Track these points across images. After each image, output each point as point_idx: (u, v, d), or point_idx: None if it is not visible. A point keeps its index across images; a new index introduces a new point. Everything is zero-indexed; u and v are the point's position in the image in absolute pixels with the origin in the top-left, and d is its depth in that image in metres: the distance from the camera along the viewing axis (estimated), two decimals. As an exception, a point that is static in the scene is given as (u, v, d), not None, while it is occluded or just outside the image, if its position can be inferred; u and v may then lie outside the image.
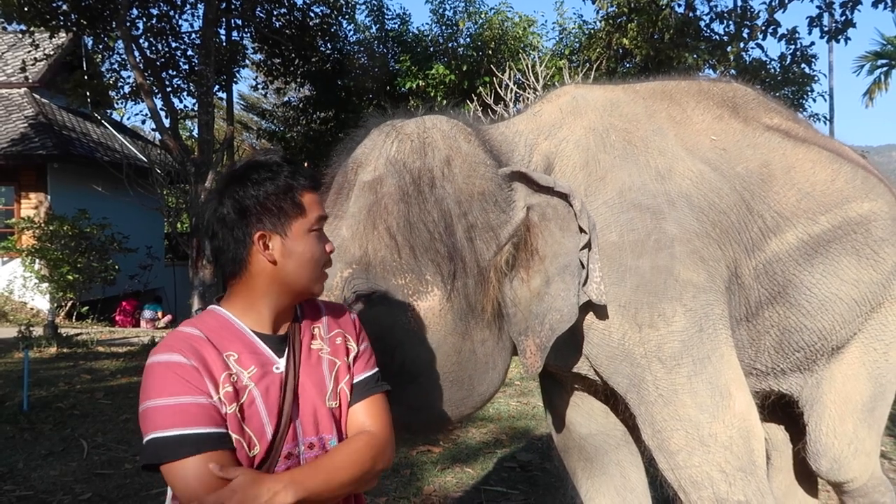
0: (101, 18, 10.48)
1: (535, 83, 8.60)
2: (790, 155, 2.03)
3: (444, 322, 1.67)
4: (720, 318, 1.81)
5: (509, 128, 1.99)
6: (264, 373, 1.23)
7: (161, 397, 1.13)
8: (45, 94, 13.03)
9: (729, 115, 2.08)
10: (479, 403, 1.84)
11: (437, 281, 1.65)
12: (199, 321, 1.26)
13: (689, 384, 1.75)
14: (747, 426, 1.79)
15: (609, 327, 1.79)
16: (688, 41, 10.65)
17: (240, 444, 1.17)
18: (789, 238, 1.93)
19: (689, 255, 1.77)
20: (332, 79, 13.57)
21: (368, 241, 1.65)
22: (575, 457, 2.26)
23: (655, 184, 1.83)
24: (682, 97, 2.10)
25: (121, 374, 6.32)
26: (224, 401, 1.17)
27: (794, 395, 2.17)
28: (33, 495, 3.54)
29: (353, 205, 1.70)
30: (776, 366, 2.06)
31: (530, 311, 1.73)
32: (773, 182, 1.96)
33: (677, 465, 1.79)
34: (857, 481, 2.18)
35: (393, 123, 1.80)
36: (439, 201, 1.67)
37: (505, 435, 4.59)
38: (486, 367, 1.76)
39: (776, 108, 2.21)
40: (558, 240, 1.73)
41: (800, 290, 1.95)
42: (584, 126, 1.92)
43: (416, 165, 1.70)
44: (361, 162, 1.75)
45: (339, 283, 1.64)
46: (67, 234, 10.80)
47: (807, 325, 1.98)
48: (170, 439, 1.12)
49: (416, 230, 1.64)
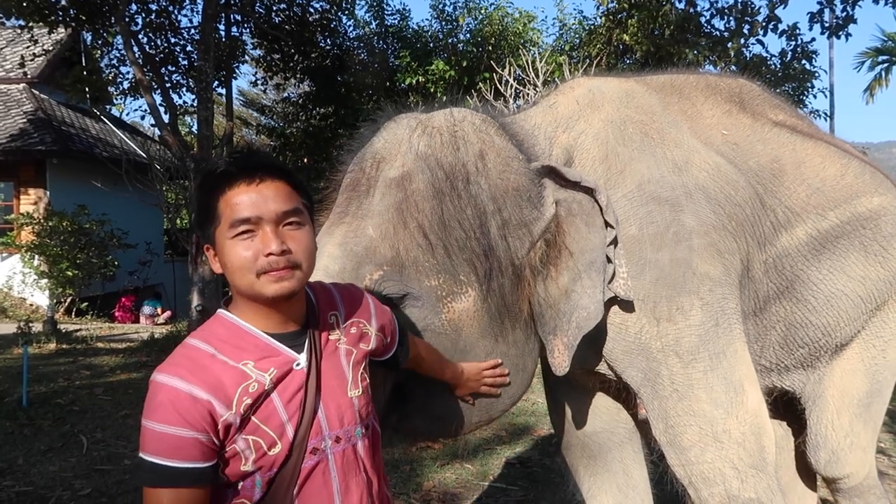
0: (100, 14, 10.42)
1: (535, 79, 8.57)
2: (799, 150, 2.02)
3: (479, 324, 1.62)
4: (734, 312, 1.79)
5: (527, 121, 1.95)
6: (284, 372, 1.21)
7: (152, 420, 1.13)
8: (44, 89, 12.99)
9: (738, 111, 2.07)
10: (507, 406, 1.80)
11: (472, 281, 1.59)
12: (209, 333, 1.23)
13: (705, 379, 1.73)
14: (759, 423, 1.78)
15: (626, 321, 1.76)
16: (688, 37, 10.61)
17: (258, 445, 1.17)
18: (799, 233, 1.93)
19: (707, 248, 1.76)
20: (331, 75, 13.52)
21: (400, 240, 1.57)
22: (577, 454, 2.25)
23: (673, 176, 1.81)
24: (691, 91, 2.09)
25: (120, 370, 6.32)
26: (242, 412, 1.15)
27: (797, 392, 2.16)
28: (33, 491, 3.54)
29: (379, 203, 1.61)
30: (781, 362, 2.05)
31: (558, 310, 1.69)
32: (784, 177, 1.95)
33: (689, 460, 1.77)
34: (852, 478, 2.17)
35: (417, 117, 1.73)
36: (474, 198, 1.60)
37: (505, 431, 4.59)
38: (516, 368, 1.72)
39: (780, 105, 2.21)
40: (584, 235, 1.69)
41: (807, 285, 1.94)
42: (601, 118, 1.90)
43: (448, 160, 1.62)
44: (384, 157, 1.66)
45: (370, 285, 1.55)
46: (67, 229, 10.79)
47: (812, 321, 1.97)
48: (148, 465, 1.13)
49: (450, 228, 1.57)
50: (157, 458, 1.12)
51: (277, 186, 1.19)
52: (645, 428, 1.99)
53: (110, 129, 13.85)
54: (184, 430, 1.11)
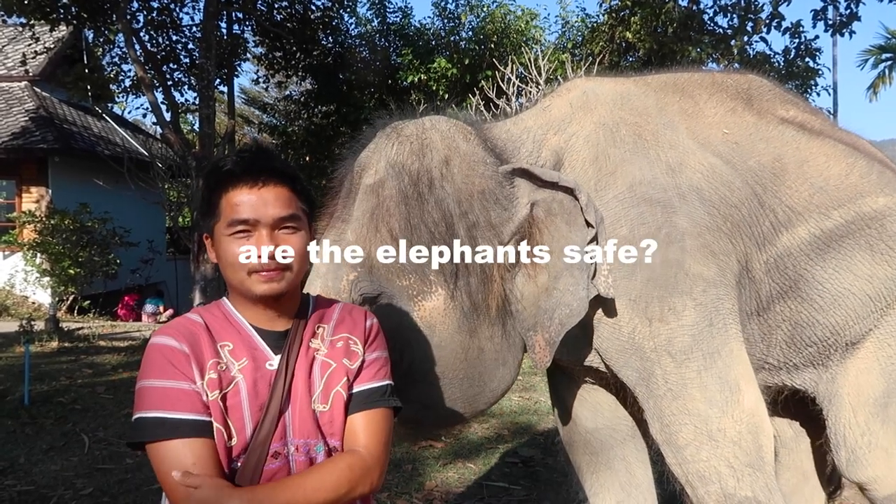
0: (102, 11, 10.44)
1: (537, 77, 8.55)
2: (804, 149, 2.00)
3: (451, 321, 1.70)
4: (730, 312, 1.80)
5: (517, 124, 1.99)
6: (256, 367, 1.23)
7: (149, 378, 1.18)
8: (45, 87, 13.00)
9: (743, 108, 2.05)
10: (492, 400, 1.86)
11: (441, 280, 1.68)
12: (205, 310, 1.30)
13: (699, 378, 1.75)
14: (756, 422, 1.78)
15: (619, 321, 1.79)
16: (691, 35, 10.60)
17: (220, 434, 1.18)
18: (801, 233, 1.91)
19: (700, 249, 1.77)
20: (333, 72, 13.51)
21: (371, 243, 1.67)
22: (580, 451, 2.25)
23: (666, 178, 1.82)
24: (694, 90, 2.08)
25: (122, 368, 6.32)
26: (206, 388, 1.18)
27: (810, 391, 2.14)
28: (34, 490, 3.53)
29: (357, 208, 1.73)
30: (788, 360, 2.04)
31: (538, 307, 1.74)
32: (786, 176, 1.94)
33: (685, 459, 1.78)
34: (881, 484, 2.10)
35: (395, 125, 1.82)
36: (439, 202, 1.69)
37: (507, 430, 4.58)
38: (495, 363, 1.79)
39: (792, 100, 2.19)
40: (565, 234, 1.73)
41: (812, 284, 1.93)
42: (593, 121, 1.91)
43: (414, 167, 1.71)
44: (364, 165, 1.78)
45: (346, 286, 1.67)
46: (69, 228, 10.78)
47: (819, 320, 1.96)
48: (150, 420, 1.15)
49: (417, 231, 1.67)
50: (161, 412, 1.15)
51: (278, 192, 1.24)
52: (645, 427, 1.98)
53: (112, 127, 13.87)
54: (182, 382, 1.17)
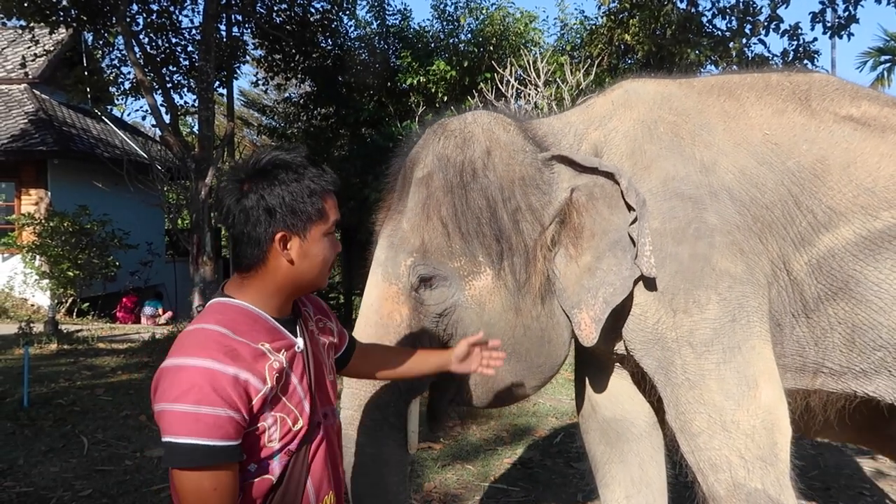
0: (101, 14, 10.44)
1: (536, 79, 8.57)
2: (855, 149, 1.95)
3: (499, 299, 1.83)
4: (756, 310, 1.82)
5: (560, 119, 2.14)
6: (292, 354, 1.31)
7: (184, 402, 1.15)
8: (45, 90, 13.00)
9: (794, 109, 2.03)
10: (540, 378, 1.96)
11: (488, 262, 1.82)
12: (222, 317, 1.26)
13: (717, 371, 1.79)
14: (773, 419, 1.79)
15: (646, 311, 1.86)
16: (690, 37, 10.60)
17: (284, 421, 1.26)
18: (845, 233, 1.88)
19: (728, 246, 1.81)
20: (332, 75, 13.52)
21: (424, 231, 1.83)
22: (596, 440, 2.30)
23: (699, 175, 1.88)
24: (742, 91, 2.08)
25: (121, 370, 6.31)
26: (275, 384, 1.24)
27: (888, 400, 2.02)
28: (33, 492, 3.54)
29: (410, 200, 1.88)
30: (854, 365, 1.96)
31: (581, 286, 1.85)
32: (828, 177, 1.91)
33: (698, 446, 1.82)
34: None
35: (441, 122, 1.98)
36: (483, 189, 1.83)
37: (506, 432, 4.59)
38: (540, 340, 1.89)
39: (868, 95, 2.12)
40: (607, 217, 1.85)
41: (866, 286, 1.87)
42: (633, 118, 2.00)
43: (458, 159, 1.86)
44: (415, 160, 1.93)
45: (405, 270, 1.83)
46: (68, 230, 10.80)
47: (882, 322, 1.88)
48: (185, 446, 1.15)
49: (464, 217, 1.82)
50: (194, 438, 1.15)
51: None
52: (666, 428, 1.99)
53: (111, 130, 13.86)
54: (221, 409, 1.16)
